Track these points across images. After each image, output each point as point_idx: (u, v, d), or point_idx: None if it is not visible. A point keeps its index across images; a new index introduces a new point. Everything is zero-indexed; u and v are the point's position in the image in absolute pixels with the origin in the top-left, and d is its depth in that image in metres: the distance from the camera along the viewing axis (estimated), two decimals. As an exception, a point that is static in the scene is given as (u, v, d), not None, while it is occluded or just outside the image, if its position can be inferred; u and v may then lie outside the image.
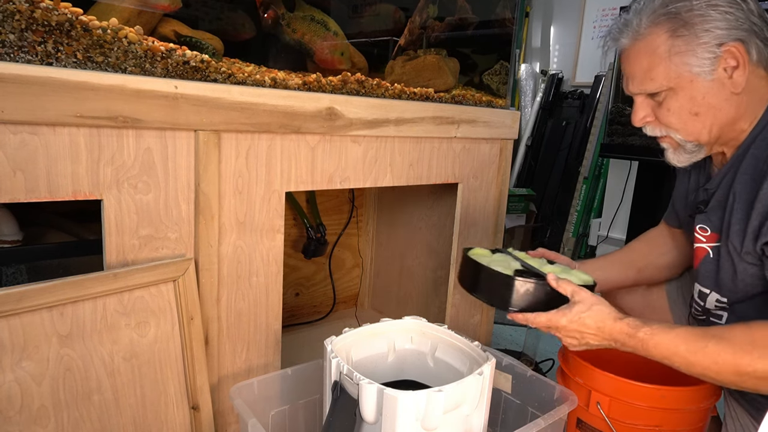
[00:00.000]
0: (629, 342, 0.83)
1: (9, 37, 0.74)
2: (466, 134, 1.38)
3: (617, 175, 2.79)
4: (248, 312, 1.06)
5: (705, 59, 0.83)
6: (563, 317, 0.86)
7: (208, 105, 0.91)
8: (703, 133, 0.89)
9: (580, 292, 0.87)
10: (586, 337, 0.86)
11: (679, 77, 0.85)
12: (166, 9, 0.98)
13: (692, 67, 0.84)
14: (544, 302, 0.89)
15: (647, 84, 0.88)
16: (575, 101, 3.46)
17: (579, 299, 0.86)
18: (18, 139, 0.75)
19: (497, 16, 1.62)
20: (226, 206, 0.98)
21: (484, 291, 0.96)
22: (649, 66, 0.87)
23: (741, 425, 0.98)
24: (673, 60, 0.85)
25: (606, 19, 3.33)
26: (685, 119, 0.88)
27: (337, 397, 0.84)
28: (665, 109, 0.89)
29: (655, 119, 0.93)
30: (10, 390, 0.77)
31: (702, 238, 0.98)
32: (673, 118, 0.89)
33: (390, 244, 1.81)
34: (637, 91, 0.92)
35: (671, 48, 0.85)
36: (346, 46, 1.25)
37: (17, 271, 1.18)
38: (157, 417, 0.93)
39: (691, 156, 0.94)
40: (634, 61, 0.90)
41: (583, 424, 1.08)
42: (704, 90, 0.85)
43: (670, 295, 1.24)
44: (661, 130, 0.93)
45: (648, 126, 0.94)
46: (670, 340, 0.80)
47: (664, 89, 0.87)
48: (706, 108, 0.86)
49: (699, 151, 0.93)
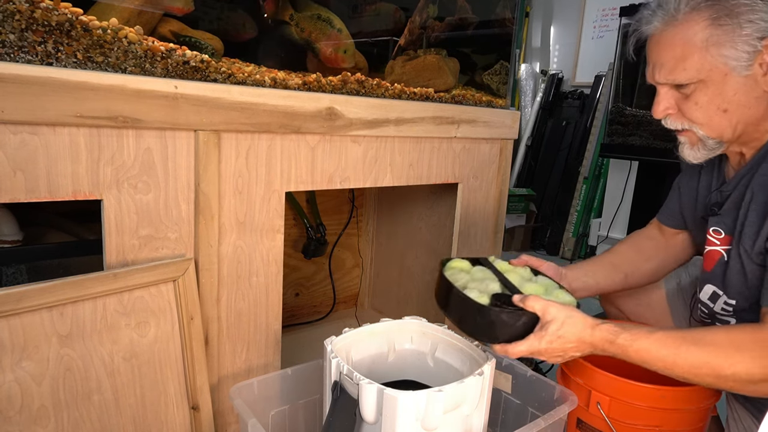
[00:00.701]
0: (610, 348, 0.81)
1: (9, 37, 0.74)
2: (466, 134, 1.38)
3: (617, 175, 2.80)
4: (248, 312, 1.06)
5: (744, 53, 0.78)
6: (541, 341, 0.81)
7: (208, 105, 0.91)
8: (728, 131, 0.85)
9: (549, 309, 0.81)
10: (568, 352, 0.83)
11: (713, 70, 0.80)
12: (180, 11, 0.99)
13: (729, 60, 0.79)
14: (523, 330, 0.83)
15: (678, 74, 0.83)
16: (575, 101, 3.46)
17: (550, 317, 0.81)
18: (18, 139, 0.75)
19: (497, 16, 1.62)
20: (226, 206, 0.98)
21: (458, 319, 0.87)
22: (683, 55, 0.81)
23: (744, 427, 0.98)
24: (709, 51, 0.79)
25: (606, 19, 3.33)
26: (711, 115, 0.84)
27: (337, 397, 0.84)
28: (692, 102, 0.84)
29: (677, 112, 0.88)
30: (10, 390, 0.77)
31: (716, 241, 0.97)
32: (699, 113, 0.85)
33: (390, 244, 1.81)
34: (663, 81, 0.86)
35: (710, 38, 0.79)
36: (350, 44, 1.25)
37: (17, 271, 1.18)
38: (157, 417, 0.93)
39: (709, 153, 0.90)
40: (665, 47, 0.83)
41: (583, 424, 1.08)
42: (737, 86, 0.81)
43: (670, 297, 1.24)
44: (683, 123, 0.88)
45: (669, 118, 0.89)
46: (650, 344, 0.79)
47: (694, 81, 0.82)
48: (735, 105, 0.82)
49: (719, 148, 0.89)
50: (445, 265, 0.99)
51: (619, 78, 2.35)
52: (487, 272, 0.97)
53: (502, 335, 0.83)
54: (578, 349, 0.82)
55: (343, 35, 1.24)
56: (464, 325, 0.86)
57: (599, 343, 0.81)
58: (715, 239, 0.97)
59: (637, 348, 0.79)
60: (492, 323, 0.82)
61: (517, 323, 0.83)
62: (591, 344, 0.81)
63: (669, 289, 1.25)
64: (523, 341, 0.82)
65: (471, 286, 0.90)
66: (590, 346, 0.82)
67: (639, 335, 0.80)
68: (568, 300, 0.90)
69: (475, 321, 0.83)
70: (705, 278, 1.01)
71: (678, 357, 0.77)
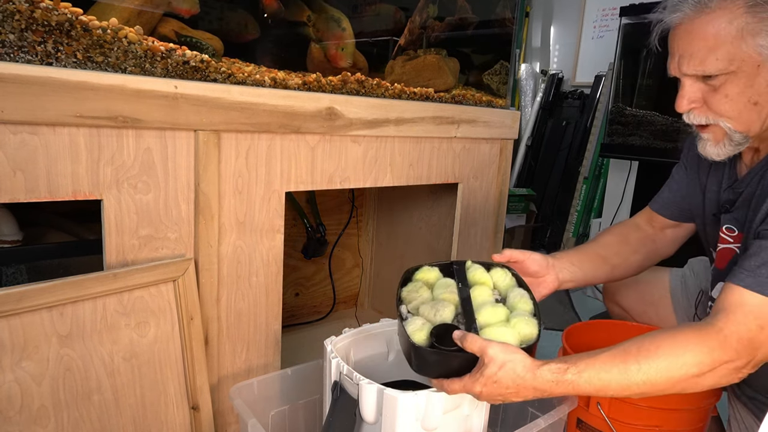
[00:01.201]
0: (557, 389, 0.74)
1: (9, 37, 0.74)
2: (466, 134, 1.38)
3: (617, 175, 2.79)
4: (248, 312, 1.06)
5: None
6: (476, 383, 0.74)
7: (208, 105, 0.91)
8: (756, 124, 0.81)
9: (488, 350, 0.73)
10: (508, 397, 0.75)
11: (746, 60, 0.76)
12: (186, 13, 0.99)
13: (764, 49, 0.75)
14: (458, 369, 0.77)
15: (708, 65, 0.78)
16: (575, 101, 3.46)
17: (488, 359, 0.73)
18: (18, 139, 0.75)
19: (497, 16, 1.62)
20: (226, 206, 0.98)
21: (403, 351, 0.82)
22: (715, 44, 0.77)
23: (746, 427, 0.98)
24: (745, 40, 0.75)
25: (606, 19, 3.33)
26: (741, 108, 0.80)
27: (337, 397, 0.84)
28: (722, 95, 0.80)
29: (703, 105, 0.83)
30: (10, 390, 0.77)
31: (729, 239, 0.95)
32: (728, 105, 0.80)
33: (390, 244, 1.81)
34: (691, 72, 0.81)
35: (745, 26, 0.75)
36: (351, 43, 1.25)
37: (17, 271, 1.18)
38: (156, 417, 0.93)
39: (735, 148, 0.85)
40: (695, 36, 0.78)
41: (583, 424, 1.08)
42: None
43: (674, 294, 1.24)
44: (708, 117, 0.83)
45: (693, 112, 0.85)
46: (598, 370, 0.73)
47: (725, 72, 0.78)
48: (767, 97, 0.79)
49: (745, 143, 0.85)
50: (413, 275, 0.92)
51: (619, 78, 2.35)
52: (450, 287, 0.88)
53: (436, 372, 0.78)
54: (519, 394, 0.75)
55: (347, 34, 1.24)
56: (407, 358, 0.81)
57: (545, 386, 0.74)
58: (729, 237, 0.95)
59: (586, 379, 0.73)
60: (425, 361, 0.77)
61: (451, 364, 0.77)
62: (534, 388, 0.74)
63: (673, 287, 1.24)
64: (459, 380, 0.76)
65: (422, 309, 0.84)
66: (533, 391, 0.74)
67: (584, 365, 0.73)
68: (527, 332, 0.80)
69: (410, 356, 0.79)
70: (718, 276, 1.00)
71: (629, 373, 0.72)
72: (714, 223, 1.01)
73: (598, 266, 1.09)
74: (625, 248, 1.13)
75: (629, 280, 1.29)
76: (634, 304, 1.28)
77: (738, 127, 0.82)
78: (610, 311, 1.37)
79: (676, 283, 1.24)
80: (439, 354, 0.76)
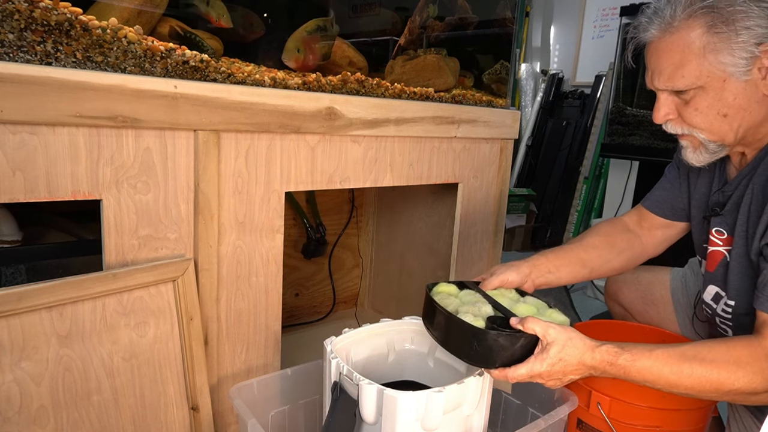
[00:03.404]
0: (610, 369, 0.80)
1: (8, 36, 0.73)
2: (466, 134, 1.37)
3: (617, 175, 2.79)
4: (248, 312, 1.06)
5: (741, 59, 0.79)
6: (543, 363, 0.78)
7: (208, 105, 0.91)
8: (729, 135, 0.85)
9: (549, 330, 0.79)
10: (568, 375, 0.81)
11: (712, 76, 0.81)
12: (212, 22, 1.03)
13: (727, 66, 0.80)
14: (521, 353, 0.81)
15: (676, 81, 0.83)
16: (575, 101, 3.46)
17: (551, 339, 0.78)
18: (17, 139, 0.75)
19: (497, 16, 1.62)
20: (226, 206, 0.98)
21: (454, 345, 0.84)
22: (681, 62, 0.82)
23: (745, 427, 0.98)
24: (707, 58, 0.80)
25: (606, 19, 3.33)
26: (712, 120, 0.84)
27: (337, 397, 0.84)
28: (692, 108, 0.85)
29: (678, 117, 0.88)
30: (9, 390, 0.76)
31: (718, 242, 0.96)
32: (699, 118, 0.85)
33: (390, 244, 1.80)
34: (663, 87, 0.86)
35: (707, 45, 0.80)
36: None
37: (17, 271, 1.18)
38: (156, 417, 0.93)
39: (712, 156, 0.90)
40: (663, 55, 0.84)
41: (583, 424, 1.08)
42: (736, 91, 0.81)
43: (674, 295, 1.24)
44: (684, 128, 0.89)
45: (669, 123, 0.90)
46: (652, 363, 0.78)
47: (694, 87, 0.83)
48: (735, 109, 0.83)
49: (721, 151, 0.90)
50: (431, 290, 0.95)
51: (619, 78, 2.35)
52: (476, 295, 0.94)
53: (500, 359, 0.81)
54: (578, 371, 0.81)
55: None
56: (460, 350, 0.83)
57: (600, 365, 0.80)
58: (718, 240, 0.96)
59: (639, 368, 0.78)
60: (490, 348, 0.79)
61: (515, 346, 0.80)
62: (592, 367, 0.80)
63: (674, 287, 1.24)
64: (524, 364, 0.80)
65: (463, 309, 0.87)
66: (590, 369, 0.80)
67: (639, 355, 0.79)
68: (561, 320, 0.88)
69: (471, 346, 0.80)
70: (708, 279, 1.01)
71: (681, 375, 0.77)
72: (703, 226, 1.01)
73: (576, 271, 1.09)
74: (610, 251, 1.12)
75: (630, 279, 1.29)
76: (634, 304, 1.28)
77: (711, 138, 0.87)
78: (610, 310, 1.37)
79: (677, 283, 1.24)
80: (506, 336, 0.79)
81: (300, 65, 1.11)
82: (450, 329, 0.84)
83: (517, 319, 0.82)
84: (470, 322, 0.81)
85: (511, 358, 0.81)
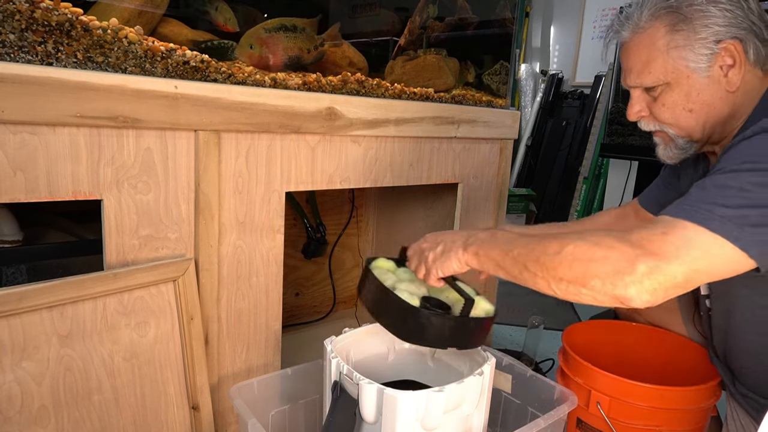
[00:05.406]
0: (480, 233, 0.84)
1: (9, 37, 0.74)
2: (466, 134, 1.38)
3: (617, 175, 2.80)
4: (248, 312, 1.06)
5: (702, 55, 0.83)
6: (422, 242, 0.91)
7: (209, 105, 0.91)
8: (696, 130, 0.89)
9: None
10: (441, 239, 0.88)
11: (676, 72, 0.86)
12: (220, 26, 1.05)
13: (689, 62, 0.84)
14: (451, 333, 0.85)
15: (644, 77, 0.89)
16: (575, 101, 3.46)
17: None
18: (18, 139, 0.75)
19: (497, 16, 1.62)
20: (226, 206, 0.98)
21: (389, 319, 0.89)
22: (648, 59, 0.87)
23: (742, 425, 0.98)
24: (671, 54, 0.85)
25: (606, 19, 3.33)
26: (678, 115, 0.89)
27: (337, 397, 0.84)
28: (660, 104, 0.90)
29: (649, 114, 0.93)
30: (10, 390, 0.77)
31: None
32: (667, 114, 0.90)
33: (390, 244, 1.81)
34: (634, 84, 0.92)
35: (670, 42, 0.85)
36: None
37: (17, 271, 1.18)
38: (157, 417, 0.93)
39: (681, 152, 0.94)
40: (633, 54, 0.90)
41: (583, 424, 1.08)
42: (699, 87, 0.86)
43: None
44: (655, 125, 0.93)
45: (642, 120, 0.95)
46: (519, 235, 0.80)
47: (661, 83, 0.88)
48: (700, 105, 0.87)
49: (690, 147, 0.93)
50: (370, 264, 0.98)
51: (619, 78, 2.36)
52: (411, 274, 0.96)
53: (431, 337, 0.85)
54: (451, 237, 0.87)
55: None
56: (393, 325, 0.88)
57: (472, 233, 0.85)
58: None
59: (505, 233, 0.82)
60: (422, 325, 0.84)
61: (445, 326, 0.85)
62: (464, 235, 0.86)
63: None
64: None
65: (400, 287, 0.91)
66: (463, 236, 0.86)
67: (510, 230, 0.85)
68: (487, 309, 0.92)
69: (406, 322, 0.85)
70: None
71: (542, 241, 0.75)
72: None
73: None
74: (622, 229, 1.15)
75: None
76: None
77: (679, 133, 0.91)
78: (616, 309, 1.37)
79: None
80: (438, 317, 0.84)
81: (254, 62, 1.08)
82: (387, 304, 0.88)
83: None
84: (407, 300, 0.85)
85: (441, 336, 0.85)
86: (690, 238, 0.66)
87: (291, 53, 1.15)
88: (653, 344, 1.22)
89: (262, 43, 1.10)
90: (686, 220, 0.68)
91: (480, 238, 0.83)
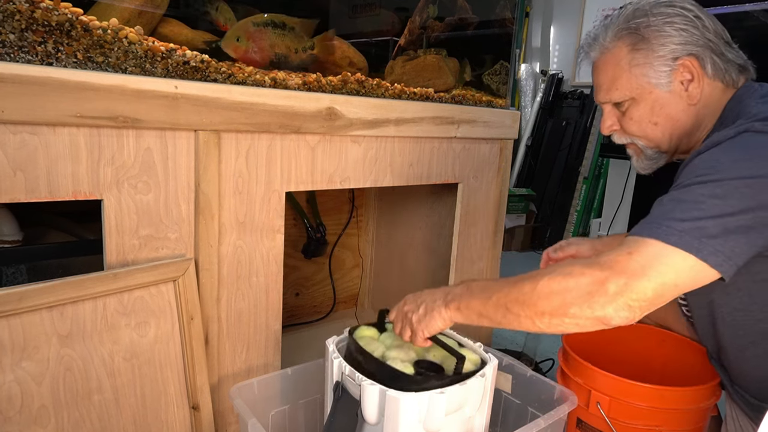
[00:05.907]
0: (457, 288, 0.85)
1: (9, 37, 0.73)
2: (466, 134, 1.38)
3: (617, 175, 2.80)
4: (248, 312, 1.06)
5: (662, 72, 0.88)
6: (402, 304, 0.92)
7: (209, 105, 0.91)
8: (663, 141, 0.94)
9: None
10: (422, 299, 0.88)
11: (640, 88, 0.91)
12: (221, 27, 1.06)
13: (650, 78, 0.89)
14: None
15: (612, 93, 0.94)
16: (575, 101, 3.46)
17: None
18: (18, 139, 0.75)
19: (497, 16, 1.62)
20: (226, 206, 0.98)
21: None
22: (614, 77, 0.92)
23: (740, 426, 0.98)
24: (633, 71, 0.90)
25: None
26: (645, 128, 0.94)
27: (339, 397, 0.84)
28: (628, 118, 0.94)
29: (620, 128, 0.98)
30: (10, 390, 0.77)
31: None
32: (634, 127, 0.94)
33: (390, 244, 1.81)
34: (604, 100, 0.97)
35: (631, 60, 0.90)
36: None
37: (17, 271, 1.18)
38: (157, 417, 0.93)
39: (652, 162, 0.99)
40: (601, 72, 0.95)
41: (583, 424, 1.08)
42: (662, 101, 0.90)
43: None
44: (626, 137, 0.98)
45: (615, 134, 1.00)
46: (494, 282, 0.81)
47: (627, 99, 0.92)
48: (664, 118, 0.91)
49: (660, 158, 0.98)
50: (353, 334, 0.96)
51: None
52: (395, 338, 0.96)
53: None
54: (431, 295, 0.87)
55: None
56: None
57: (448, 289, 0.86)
58: None
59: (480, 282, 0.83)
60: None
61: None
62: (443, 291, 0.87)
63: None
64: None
65: (390, 355, 0.90)
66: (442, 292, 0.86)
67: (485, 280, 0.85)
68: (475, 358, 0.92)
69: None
70: None
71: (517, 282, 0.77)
72: None
73: None
74: None
75: None
76: None
77: (648, 144, 0.96)
78: None
79: None
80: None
81: (240, 56, 1.07)
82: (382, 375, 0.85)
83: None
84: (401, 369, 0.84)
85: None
86: (654, 254, 0.69)
87: (278, 50, 1.14)
88: (653, 344, 1.22)
89: (249, 37, 1.09)
90: (649, 237, 0.71)
91: (457, 293, 0.84)
